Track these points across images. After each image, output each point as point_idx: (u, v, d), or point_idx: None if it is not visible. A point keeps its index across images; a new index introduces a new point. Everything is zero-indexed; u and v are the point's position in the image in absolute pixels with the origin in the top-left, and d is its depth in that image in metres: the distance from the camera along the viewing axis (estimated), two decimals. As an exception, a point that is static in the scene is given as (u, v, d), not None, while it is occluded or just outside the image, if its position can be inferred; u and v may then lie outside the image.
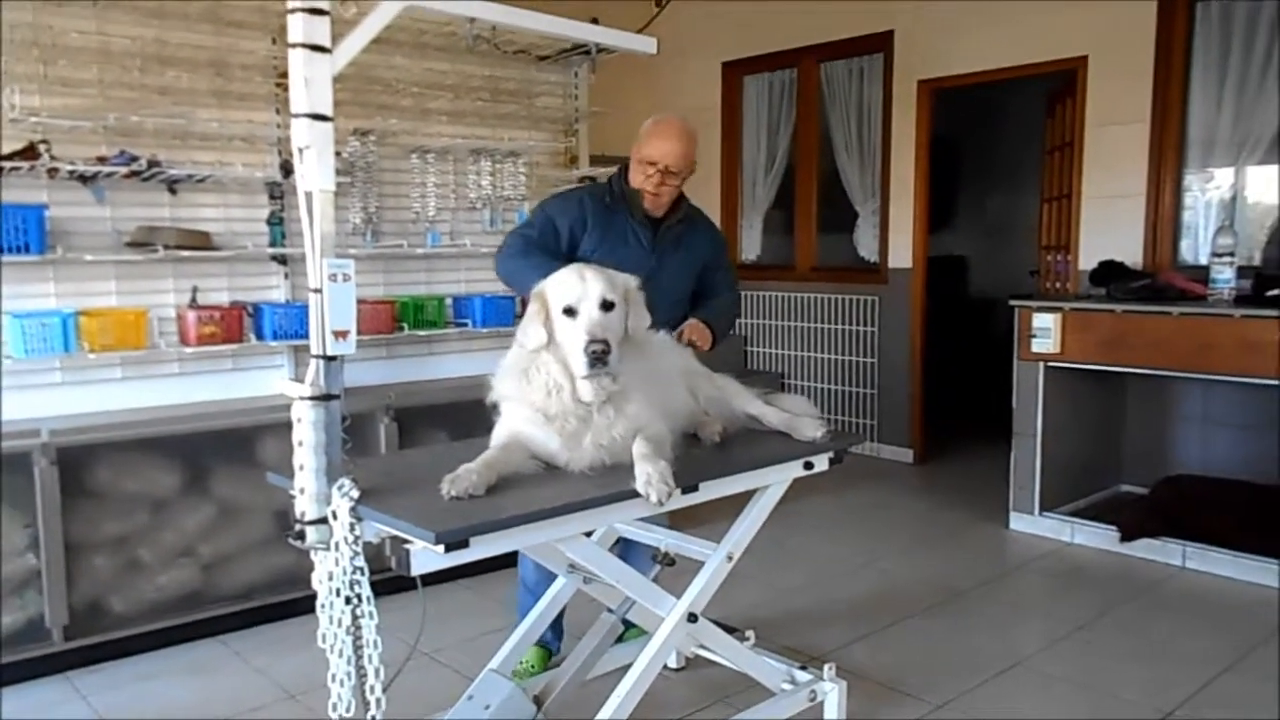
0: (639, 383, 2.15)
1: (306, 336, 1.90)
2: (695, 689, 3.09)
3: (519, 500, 1.94)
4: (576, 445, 2.10)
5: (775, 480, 2.45)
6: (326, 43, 1.82)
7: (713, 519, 2.87)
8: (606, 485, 2.04)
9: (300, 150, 1.84)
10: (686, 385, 2.47)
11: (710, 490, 2.22)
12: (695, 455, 2.31)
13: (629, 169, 2.93)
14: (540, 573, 2.98)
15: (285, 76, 2.54)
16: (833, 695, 2.73)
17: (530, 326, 2.11)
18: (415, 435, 3.90)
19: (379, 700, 1.86)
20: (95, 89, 3.39)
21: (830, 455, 2.47)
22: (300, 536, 1.90)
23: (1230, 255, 4.25)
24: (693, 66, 6.90)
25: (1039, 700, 3.06)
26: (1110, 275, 4.73)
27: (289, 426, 1.88)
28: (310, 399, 1.86)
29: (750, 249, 7.10)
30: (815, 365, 6.62)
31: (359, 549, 1.83)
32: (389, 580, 1.92)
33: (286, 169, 3.74)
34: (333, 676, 1.86)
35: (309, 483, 1.88)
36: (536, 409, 2.10)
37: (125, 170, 3.38)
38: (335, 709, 1.86)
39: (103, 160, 3.37)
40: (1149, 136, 4.95)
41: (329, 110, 1.83)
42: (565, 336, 2.08)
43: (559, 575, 2.68)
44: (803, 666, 2.78)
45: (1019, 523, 4.76)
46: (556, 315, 2.10)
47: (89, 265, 3.42)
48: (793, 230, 6.83)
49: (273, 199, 3.84)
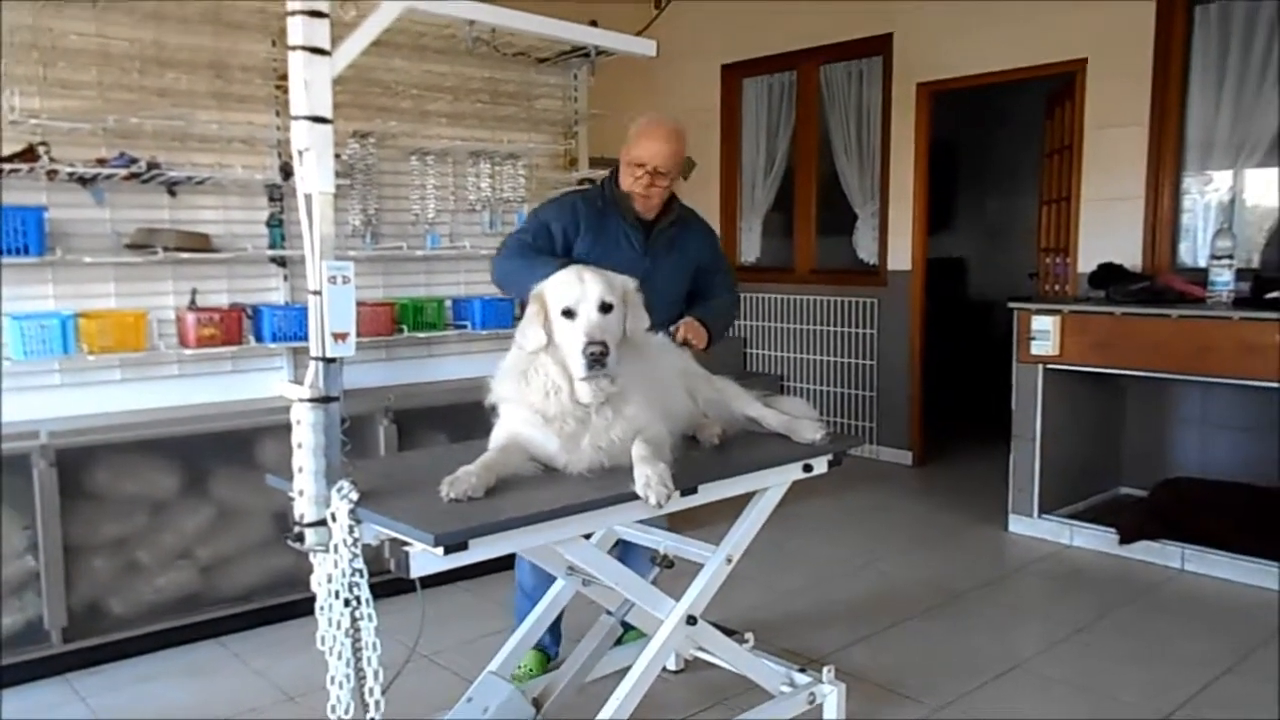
0: (637, 384, 2.16)
1: (306, 338, 1.90)
2: (694, 691, 3.09)
3: (518, 502, 1.94)
4: (575, 447, 2.10)
5: (774, 482, 2.45)
6: (326, 45, 1.82)
7: (712, 521, 2.87)
8: (605, 487, 2.04)
9: (300, 152, 1.84)
10: (685, 387, 2.47)
11: (709, 492, 2.22)
12: (694, 457, 2.31)
13: (619, 172, 2.92)
14: (537, 577, 2.98)
15: (285, 79, 2.54)
16: (832, 697, 2.74)
17: (529, 328, 2.12)
18: (414, 437, 3.90)
19: (378, 702, 1.86)
20: (95, 91, 3.39)
21: (829, 457, 2.47)
22: (299, 538, 1.90)
23: (1229, 258, 4.25)
24: (692, 69, 6.90)
25: (1038, 702, 3.06)
26: (1109, 278, 4.73)
27: (288, 428, 1.88)
28: (309, 401, 1.86)
29: (749, 251, 7.10)
30: (814, 367, 6.62)
31: (358, 551, 1.83)
32: (388, 582, 1.92)
33: (286, 171, 3.74)
34: (332, 678, 1.86)
35: (308, 485, 1.88)
36: (535, 411, 2.10)
37: (125, 172, 3.38)
38: (334, 711, 1.86)
39: (102, 162, 3.37)
40: (1148, 139, 4.95)
41: (329, 112, 1.84)
42: (564, 338, 2.08)
43: (556, 579, 2.68)
44: (802, 669, 2.78)
45: (1018, 525, 4.76)
46: (555, 317, 2.10)
47: (88, 267, 3.43)
48: (792, 232, 6.83)
49: (272, 201, 3.85)
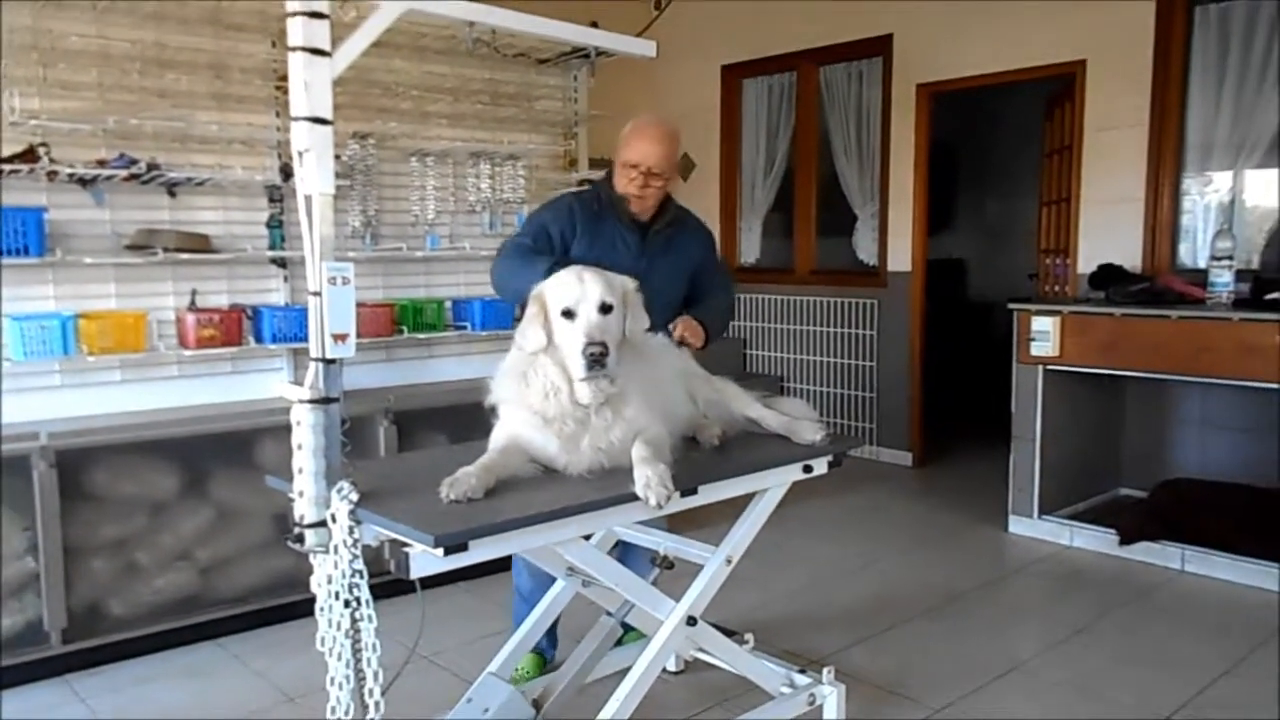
0: (637, 385, 2.16)
1: (306, 339, 1.90)
2: (694, 692, 3.09)
3: (518, 503, 1.94)
4: (575, 448, 2.10)
5: (774, 483, 2.45)
6: (326, 46, 1.82)
7: (712, 522, 2.87)
8: (605, 488, 2.04)
9: (300, 153, 1.84)
10: (685, 388, 2.46)
11: (709, 493, 2.22)
12: (694, 458, 2.31)
13: (614, 174, 2.91)
14: (535, 580, 2.98)
15: (285, 80, 2.54)
16: (832, 698, 2.73)
17: (529, 329, 2.11)
18: (414, 438, 3.90)
19: (378, 703, 1.86)
20: (95, 92, 3.39)
21: (829, 458, 2.47)
22: (299, 539, 1.89)
23: (1229, 259, 4.25)
24: (692, 70, 6.90)
25: (1038, 703, 3.05)
26: (1109, 278, 4.74)
27: (288, 429, 1.88)
28: (309, 402, 1.86)
29: (749, 252, 7.10)
30: (814, 368, 6.62)
31: (358, 552, 1.83)
32: (388, 583, 1.92)
33: (286, 172, 3.74)
34: (331, 680, 1.86)
35: (308, 486, 1.88)
36: (535, 412, 2.10)
37: (125, 173, 3.38)
38: (334, 712, 1.86)
39: (102, 163, 3.37)
40: (1147, 140, 4.95)
41: (329, 113, 1.84)
42: (563, 339, 2.08)
43: (554, 583, 2.68)
44: (802, 670, 2.78)
45: (1018, 526, 4.76)
46: (555, 317, 2.10)
47: (88, 268, 3.43)
48: (792, 233, 6.83)
49: (272, 202, 3.84)
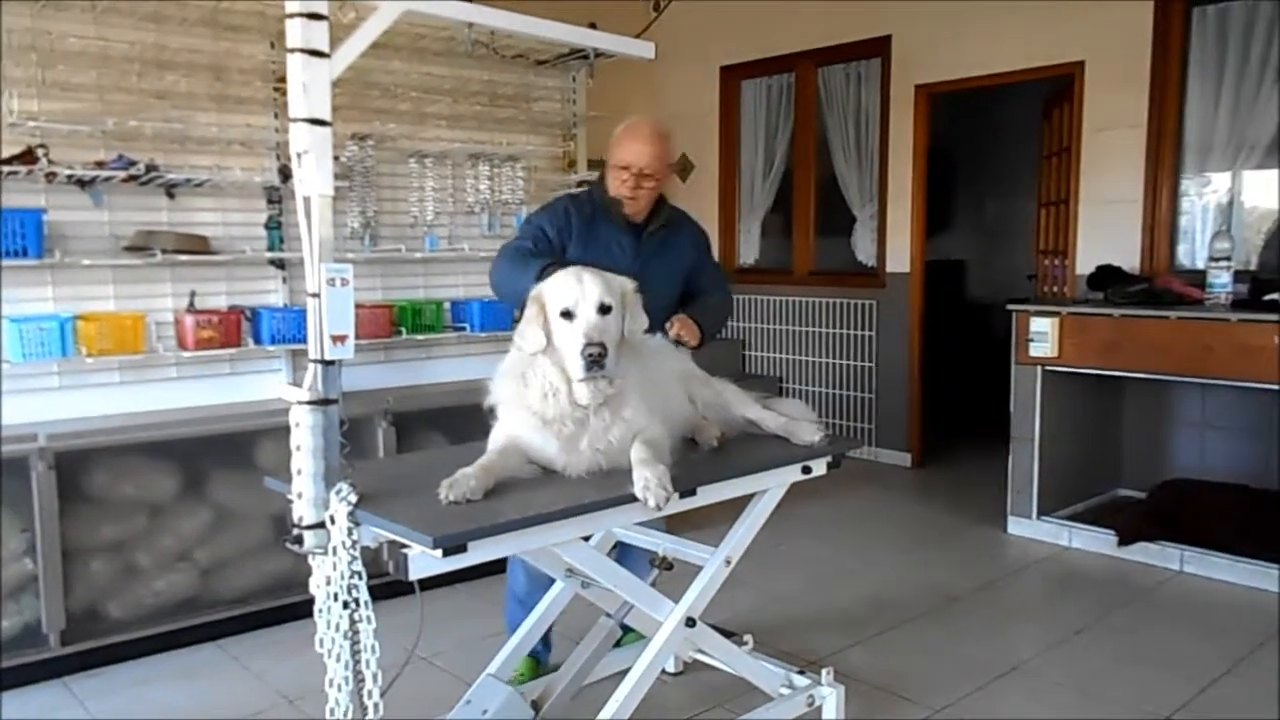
0: (636, 386, 2.16)
1: (304, 341, 1.89)
2: (693, 694, 3.09)
3: (516, 504, 1.94)
4: (574, 449, 2.10)
5: (773, 484, 2.45)
6: (325, 47, 1.82)
7: (711, 523, 2.87)
8: (604, 489, 2.04)
9: (298, 155, 1.84)
10: (684, 389, 2.47)
11: (708, 495, 2.22)
12: (693, 459, 2.31)
13: (606, 177, 2.91)
14: (531, 584, 2.98)
15: (284, 81, 2.53)
16: (831, 700, 2.73)
17: (528, 329, 2.11)
18: (413, 439, 3.89)
19: (377, 705, 1.86)
20: (93, 93, 3.39)
21: (828, 459, 2.47)
22: (298, 541, 1.89)
23: (1227, 260, 4.26)
24: (691, 71, 6.90)
25: (1037, 704, 3.05)
26: (1108, 279, 4.74)
27: (287, 431, 1.88)
28: (308, 403, 1.86)
29: (748, 253, 7.10)
30: (813, 369, 6.62)
31: (357, 553, 1.83)
32: (387, 585, 1.92)
33: (285, 173, 3.74)
34: (330, 681, 1.85)
35: (307, 487, 1.87)
36: (534, 413, 2.10)
37: (123, 174, 3.38)
38: (333, 713, 1.86)
39: (101, 164, 3.37)
40: (1146, 141, 4.96)
41: (327, 115, 1.84)
42: (562, 340, 2.08)
43: (551, 585, 2.68)
44: (801, 671, 2.78)
45: (1017, 527, 4.76)
46: (554, 318, 2.10)
47: (87, 269, 3.43)
48: (790, 234, 6.83)
49: (271, 203, 3.84)
